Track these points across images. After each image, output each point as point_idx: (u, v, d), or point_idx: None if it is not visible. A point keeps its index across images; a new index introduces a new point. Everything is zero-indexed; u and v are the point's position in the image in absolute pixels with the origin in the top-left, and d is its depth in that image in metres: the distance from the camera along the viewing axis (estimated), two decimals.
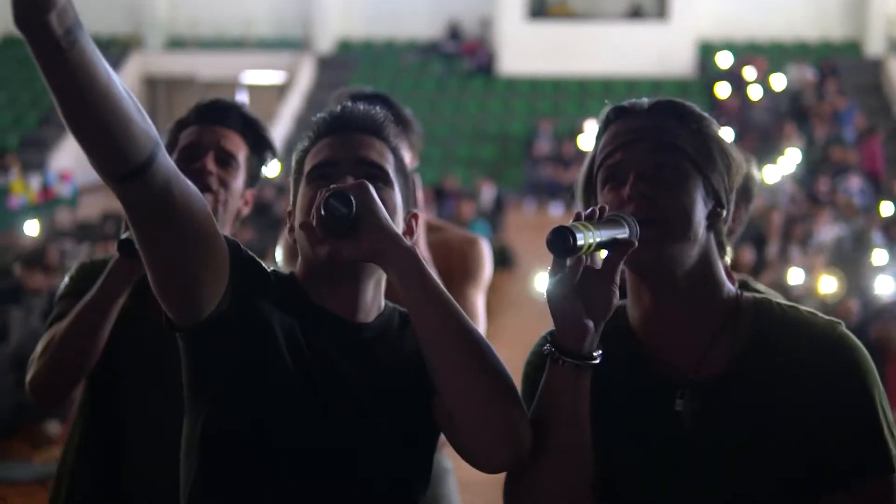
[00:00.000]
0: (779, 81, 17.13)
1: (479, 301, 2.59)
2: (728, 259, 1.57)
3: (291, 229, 1.57)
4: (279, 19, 20.49)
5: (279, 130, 17.09)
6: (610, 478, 1.49)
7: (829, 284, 6.96)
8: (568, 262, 1.36)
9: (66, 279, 2.19)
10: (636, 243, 1.39)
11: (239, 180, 2.18)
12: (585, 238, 1.29)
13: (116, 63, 19.26)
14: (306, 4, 20.39)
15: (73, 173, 14.47)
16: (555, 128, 17.00)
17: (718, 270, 1.52)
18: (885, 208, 10.46)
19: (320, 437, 1.45)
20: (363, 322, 1.53)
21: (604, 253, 1.40)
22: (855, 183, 13.12)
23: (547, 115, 17.62)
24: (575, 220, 1.34)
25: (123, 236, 1.96)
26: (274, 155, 2.28)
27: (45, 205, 13.58)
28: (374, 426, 1.48)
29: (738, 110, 16.82)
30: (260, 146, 2.24)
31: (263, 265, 1.53)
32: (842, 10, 19.96)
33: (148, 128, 1.27)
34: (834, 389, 1.42)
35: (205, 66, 19.83)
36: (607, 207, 1.41)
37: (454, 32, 20.24)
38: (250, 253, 1.50)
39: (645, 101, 1.54)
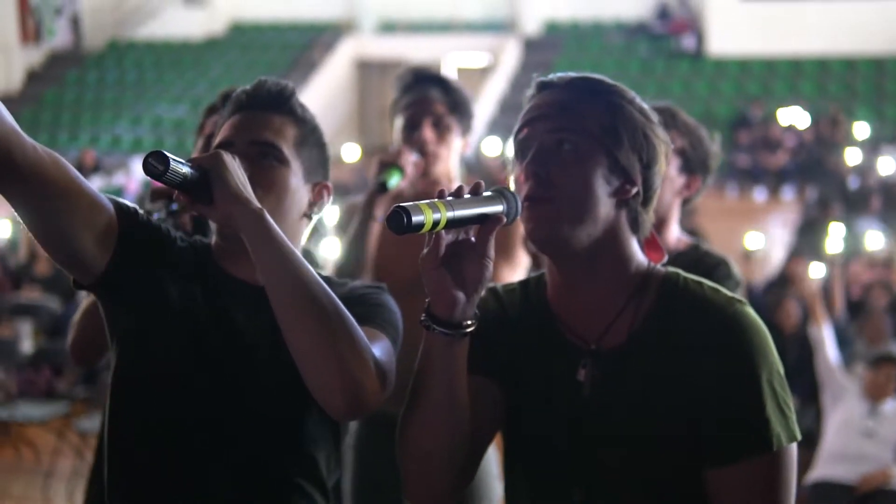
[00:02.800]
0: None
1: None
2: (647, 233, 1.57)
3: None
4: (487, 1, 20.72)
5: (483, 112, 17.34)
6: (521, 438, 1.56)
7: None
8: (443, 236, 1.40)
9: None
10: (504, 220, 1.42)
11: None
12: (427, 217, 1.33)
13: (330, 46, 20.11)
14: None
15: None
16: (764, 111, 16.38)
17: (628, 246, 1.53)
18: None
19: (208, 383, 1.61)
20: (262, 285, 1.63)
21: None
22: None
23: (756, 97, 17.00)
24: (438, 196, 1.39)
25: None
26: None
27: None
28: (266, 377, 1.62)
29: None
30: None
31: (169, 232, 1.68)
32: None
33: None
34: (722, 366, 1.43)
35: (413, 49, 20.33)
36: (483, 183, 1.45)
37: (663, 12, 19.83)
38: (153, 220, 1.66)
39: (567, 75, 1.56)
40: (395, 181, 2.58)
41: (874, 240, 7.01)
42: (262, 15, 21.75)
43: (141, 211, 1.66)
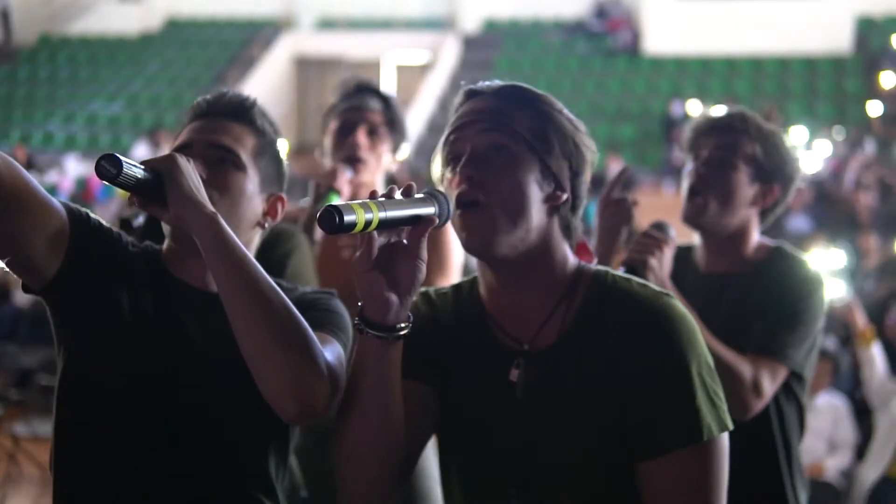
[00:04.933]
0: None
1: None
2: (576, 240, 1.57)
3: None
4: None
5: (422, 110, 17.33)
6: (456, 441, 1.56)
7: None
8: (366, 237, 1.40)
9: None
10: (437, 221, 1.42)
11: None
12: (359, 217, 1.32)
13: (269, 43, 19.96)
14: None
15: None
16: (684, 109, 16.56)
17: (559, 251, 1.54)
18: None
19: (156, 390, 1.58)
20: (213, 290, 1.64)
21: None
22: None
23: (692, 95, 17.21)
24: (370, 197, 1.38)
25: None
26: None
27: None
28: (215, 381, 1.60)
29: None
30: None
31: (120, 237, 1.66)
32: None
33: None
34: (651, 360, 1.44)
35: (353, 47, 20.27)
36: (415, 185, 1.44)
37: (600, 11, 20.00)
38: (104, 225, 1.63)
39: (495, 83, 1.56)
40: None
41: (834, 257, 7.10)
42: (198, 11, 21.51)
43: (93, 216, 1.62)
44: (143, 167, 1.45)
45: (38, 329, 7.65)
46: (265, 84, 18.34)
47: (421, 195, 1.43)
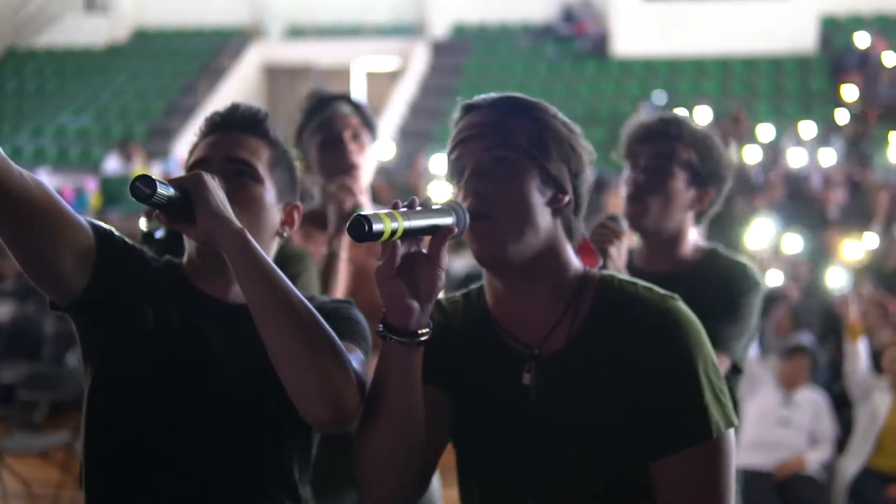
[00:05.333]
0: None
1: None
2: (577, 241, 1.62)
3: None
4: (395, 5, 20.75)
5: (393, 116, 17.36)
6: (464, 448, 1.61)
7: None
8: (389, 246, 1.45)
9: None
10: (455, 230, 1.47)
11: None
12: (386, 226, 1.37)
13: (237, 53, 19.92)
14: None
15: None
16: (669, 109, 16.69)
17: (564, 253, 1.59)
18: None
19: (184, 400, 1.62)
20: (234, 302, 1.69)
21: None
22: None
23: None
24: (393, 207, 1.42)
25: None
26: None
27: None
28: (238, 390, 1.64)
29: (862, 87, 16.27)
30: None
31: (143, 252, 1.70)
32: None
33: None
34: (660, 361, 1.49)
35: (322, 54, 20.24)
36: (432, 198, 1.48)
37: (568, 14, 20.12)
38: (128, 241, 1.68)
39: (491, 96, 1.62)
40: None
41: (793, 243, 7.22)
42: (166, 21, 21.42)
43: (116, 233, 1.67)
44: (171, 186, 1.49)
45: (17, 343, 7.62)
46: (235, 93, 18.27)
47: (439, 206, 1.48)
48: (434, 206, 1.48)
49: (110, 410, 1.64)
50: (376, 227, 1.36)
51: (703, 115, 15.61)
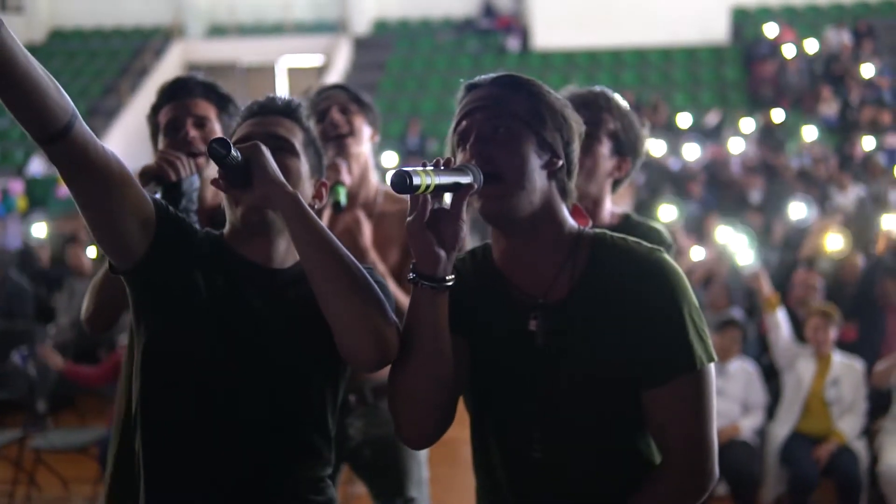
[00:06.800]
0: (812, 46, 17.14)
1: None
2: (572, 202, 1.84)
3: None
4: (316, 2, 20.82)
5: None
6: (478, 389, 1.82)
7: (835, 242, 7.18)
8: (420, 201, 1.66)
9: None
10: (475, 186, 1.68)
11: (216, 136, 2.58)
12: (423, 180, 1.59)
13: (160, 52, 19.77)
14: None
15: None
16: None
17: (560, 211, 1.81)
18: None
19: (231, 356, 1.82)
20: (277, 268, 1.89)
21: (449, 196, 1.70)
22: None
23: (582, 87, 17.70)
24: (422, 166, 1.63)
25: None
26: (237, 107, 2.66)
27: None
28: (281, 348, 1.84)
29: (773, 75, 16.87)
30: (224, 103, 2.66)
31: (191, 224, 1.90)
32: None
33: (65, 102, 1.58)
34: (649, 304, 1.73)
35: (245, 52, 20.23)
36: (454, 159, 1.71)
37: (488, 9, 20.42)
38: (179, 214, 1.87)
39: (490, 76, 1.83)
40: (343, 196, 2.83)
41: (723, 233, 7.59)
42: (83, 21, 21.17)
43: (170, 206, 1.85)
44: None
45: None
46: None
47: (460, 166, 1.69)
48: (453, 167, 1.68)
49: (166, 370, 1.82)
50: (416, 181, 1.57)
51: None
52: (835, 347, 5.63)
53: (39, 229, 11.16)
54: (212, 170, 2.53)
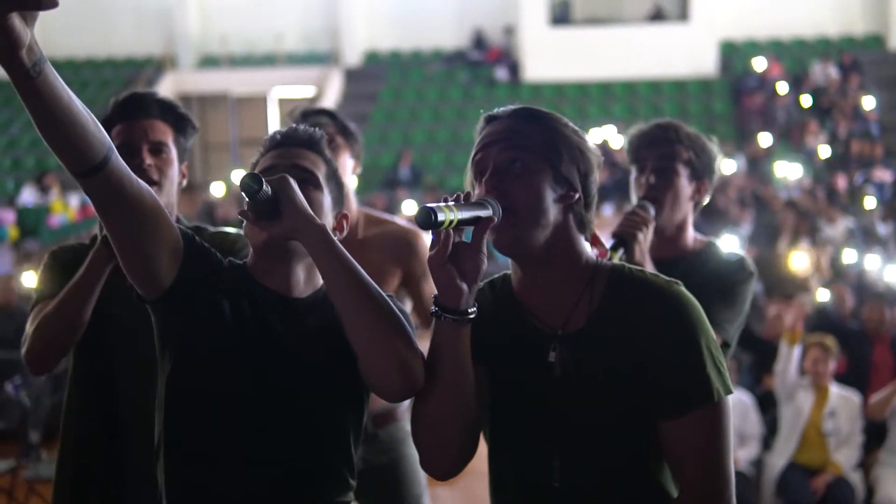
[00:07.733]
0: (798, 80, 17.33)
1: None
2: (590, 233, 1.88)
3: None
4: (307, 34, 20.93)
5: None
6: (497, 418, 1.85)
7: (799, 261, 7.25)
8: (442, 236, 1.69)
9: (43, 265, 2.54)
10: (496, 220, 1.71)
11: (174, 162, 2.52)
12: (446, 216, 1.62)
13: (151, 82, 19.82)
14: (333, 18, 20.84)
15: None
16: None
17: (577, 243, 1.83)
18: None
19: (257, 385, 1.84)
20: (297, 297, 1.92)
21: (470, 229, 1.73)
22: (886, 175, 13.29)
23: (571, 120, 17.76)
24: (443, 202, 1.67)
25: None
26: (194, 128, 2.59)
27: (85, 222, 14.10)
28: (306, 376, 1.86)
29: (761, 108, 17.03)
30: (181, 125, 2.55)
31: (216, 253, 1.93)
32: (864, 4, 20.02)
33: (102, 136, 1.61)
34: (667, 337, 1.75)
35: (236, 83, 20.30)
36: (473, 193, 1.75)
37: (479, 41, 20.57)
38: (205, 243, 1.91)
39: (509, 108, 1.86)
40: None
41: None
42: (76, 52, 21.21)
43: (196, 237, 1.88)
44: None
45: None
46: None
47: (479, 200, 1.72)
48: (476, 200, 1.72)
49: (190, 398, 1.84)
50: (440, 217, 1.60)
51: (612, 136, 16.19)
52: (832, 379, 5.68)
53: (29, 279, 11.01)
54: (168, 197, 2.48)
